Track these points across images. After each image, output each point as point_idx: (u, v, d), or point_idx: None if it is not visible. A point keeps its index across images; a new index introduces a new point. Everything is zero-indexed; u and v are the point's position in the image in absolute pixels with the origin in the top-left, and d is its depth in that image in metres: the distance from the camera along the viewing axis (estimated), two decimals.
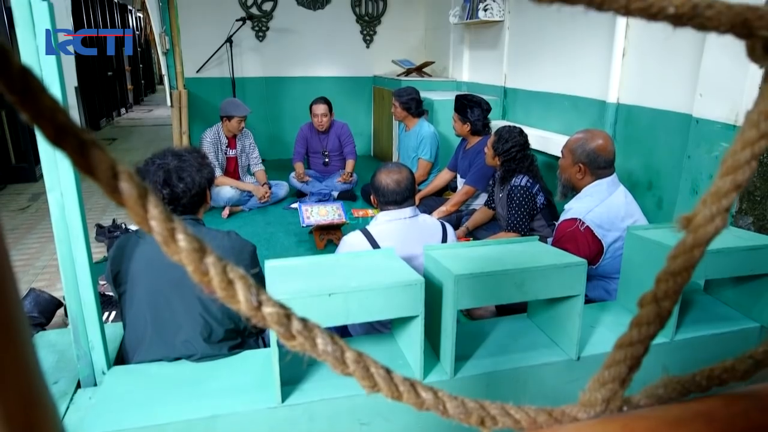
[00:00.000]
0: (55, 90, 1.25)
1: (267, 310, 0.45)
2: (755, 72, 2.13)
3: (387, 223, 1.91)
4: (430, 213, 3.35)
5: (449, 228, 1.96)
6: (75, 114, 1.40)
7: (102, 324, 1.52)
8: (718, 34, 0.44)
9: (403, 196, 1.90)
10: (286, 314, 0.46)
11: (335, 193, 4.16)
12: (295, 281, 1.38)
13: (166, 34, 3.30)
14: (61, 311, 2.24)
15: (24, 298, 2.15)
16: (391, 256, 1.59)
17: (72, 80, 1.53)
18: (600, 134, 2.11)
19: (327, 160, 4.32)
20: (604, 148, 2.07)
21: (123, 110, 10.54)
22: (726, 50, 2.19)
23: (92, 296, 1.46)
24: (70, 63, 1.51)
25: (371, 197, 2.01)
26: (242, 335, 1.65)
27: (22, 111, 0.37)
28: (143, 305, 1.52)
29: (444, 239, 1.92)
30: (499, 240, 1.73)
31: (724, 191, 0.53)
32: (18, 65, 0.37)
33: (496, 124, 3.85)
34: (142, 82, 13.70)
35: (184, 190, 1.55)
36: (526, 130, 3.69)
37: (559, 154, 3.21)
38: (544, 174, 2.95)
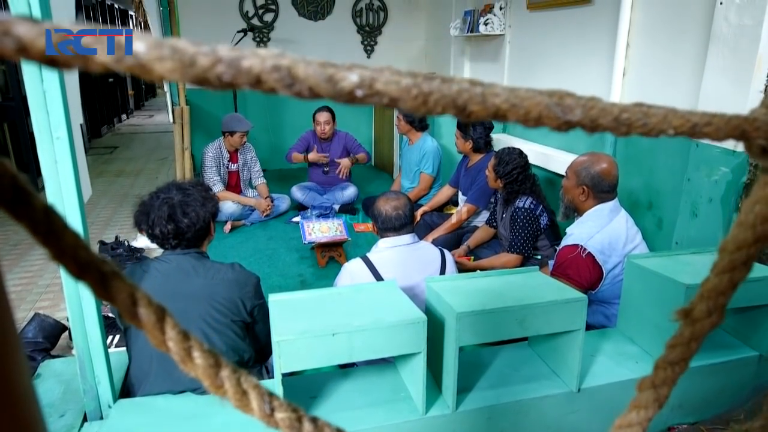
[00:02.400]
0: (55, 95, 1.25)
1: (279, 415, 0.47)
2: (755, 98, 2.15)
3: (387, 250, 1.93)
4: (431, 228, 3.37)
5: (448, 255, 1.98)
6: (80, 146, 1.42)
7: (108, 357, 1.54)
8: (717, 142, 0.45)
9: (401, 223, 1.93)
10: (297, 417, 0.48)
11: (336, 206, 4.18)
12: (299, 319, 1.40)
13: None
14: (65, 335, 2.26)
15: (29, 323, 2.16)
16: (393, 289, 1.61)
17: (78, 118, 1.54)
18: (605, 158, 2.13)
19: (327, 168, 4.34)
20: (608, 172, 2.08)
21: (124, 116, 10.55)
22: (726, 75, 2.21)
23: (98, 331, 1.47)
24: (75, 99, 1.52)
25: (371, 225, 2.03)
26: (246, 366, 1.66)
27: (45, 248, 0.39)
28: (148, 340, 1.53)
29: (443, 266, 1.94)
30: (500, 270, 1.74)
31: (721, 289, 0.55)
32: (42, 206, 0.39)
33: (497, 138, 3.87)
34: (143, 86, 13.72)
35: (189, 225, 1.57)
36: (527, 145, 3.72)
37: (560, 171, 3.23)
38: (545, 190, 2.96)
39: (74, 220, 1.34)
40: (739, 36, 2.14)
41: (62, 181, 1.32)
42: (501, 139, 3.98)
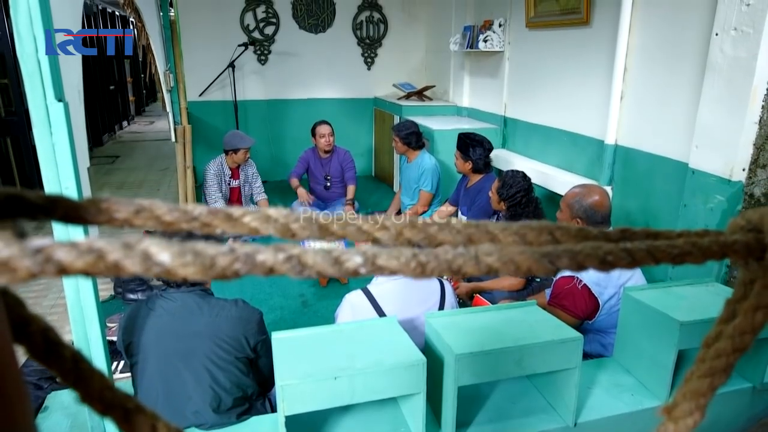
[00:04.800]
0: (64, 149, 1.28)
1: None
2: (750, 129, 2.18)
3: (387, 282, 1.96)
4: None
5: (447, 287, 2.01)
6: (87, 189, 1.46)
7: None
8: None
9: None
10: None
11: None
12: (301, 360, 1.43)
13: (170, 72, 3.35)
14: None
15: None
16: (393, 326, 1.64)
17: (85, 161, 1.57)
18: (597, 190, 2.17)
19: (329, 184, 4.37)
20: (600, 203, 2.12)
21: (125, 122, 10.59)
22: (721, 105, 2.24)
23: (104, 363, 1.51)
24: (82, 141, 1.56)
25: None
26: (250, 400, 1.70)
27: (75, 391, 0.42)
28: (155, 377, 1.57)
29: (442, 297, 1.97)
30: (498, 306, 1.78)
31: (702, 391, 0.59)
32: (70, 355, 0.43)
33: (496, 154, 3.90)
34: (144, 91, 13.75)
35: None
36: (527, 162, 3.75)
37: (558, 190, 3.27)
38: (545, 208, 2.99)
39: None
40: (734, 67, 2.17)
41: (71, 229, 1.35)
42: (500, 155, 4.01)
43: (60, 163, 1.29)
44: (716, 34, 2.24)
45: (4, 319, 0.37)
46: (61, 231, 1.37)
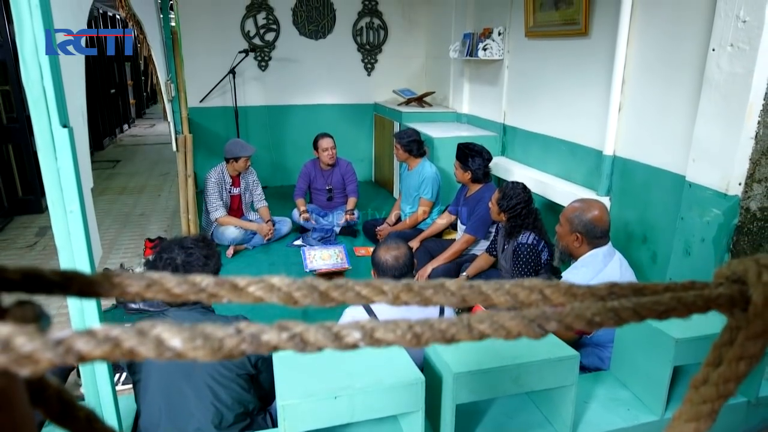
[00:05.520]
0: (68, 171, 1.30)
1: None
2: (746, 144, 2.20)
3: None
4: (431, 255, 3.42)
5: (447, 307, 2.04)
6: (91, 210, 1.49)
7: (117, 407, 1.59)
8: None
9: (401, 272, 1.98)
10: None
11: (337, 229, 4.23)
12: (302, 379, 1.46)
13: (171, 82, 3.38)
14: (74, 373, 2.31)
15: None
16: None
17: (89, 182, 1.59)
18: (596, 205, 2.19)
19: (331, 195, 4.40)
20: (600, 218, 2.14)
21: (126, 126, 10.61)
22: (718, 120, 2.26)
23: (109, 389, 1.53)
24: (86, 161, 1.58)
25: (371, 272, 2.09)
26: (251, 415, 1.72)
27: None
28: (157, 395, 1.60)
29: (441, 312, 1.99)
30: None
31: None
32: (84, 414, 0.45)
33: (495, 161, 3.92)
34: (144, 94, 13.77)
35: None
36: (525, 170, 3.78)
37: (557, 200, 3.29)
38: (543, 218, 3.01)
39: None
40: (731, 83, 2.19)
41: (75, 250, 1.38)
42: (499, 163, 4.04)
43: (65, 187, 1.31)
44: (713, 50, 2.26)
45: (22, 386, 0.39)
46: (76, 302, 1.41)
